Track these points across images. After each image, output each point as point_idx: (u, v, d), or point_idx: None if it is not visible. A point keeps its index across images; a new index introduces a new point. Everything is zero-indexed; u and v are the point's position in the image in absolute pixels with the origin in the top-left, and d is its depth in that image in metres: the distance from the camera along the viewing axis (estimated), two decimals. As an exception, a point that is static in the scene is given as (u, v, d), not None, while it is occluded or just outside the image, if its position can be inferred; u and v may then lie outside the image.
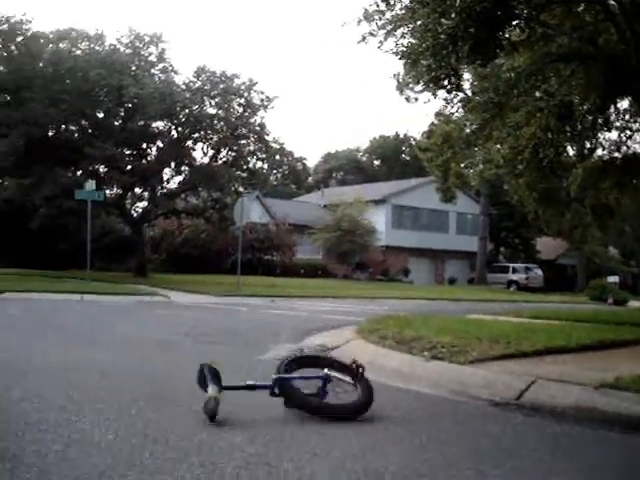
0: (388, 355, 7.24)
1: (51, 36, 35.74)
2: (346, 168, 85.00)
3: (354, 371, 4.74)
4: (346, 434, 4.05)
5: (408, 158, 79.57)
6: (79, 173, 33.91)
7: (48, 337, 9.03)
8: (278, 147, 35.77)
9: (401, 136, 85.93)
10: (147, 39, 33.05)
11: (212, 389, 4.26)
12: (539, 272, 49.16)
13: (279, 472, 3.22)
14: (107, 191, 32.50)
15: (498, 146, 15.40)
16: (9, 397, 4.66)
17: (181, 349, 8.12)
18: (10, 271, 33.42)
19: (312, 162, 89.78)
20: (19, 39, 35.97)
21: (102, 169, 33.98)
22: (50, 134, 32.07)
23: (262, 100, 33.39)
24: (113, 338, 9.08)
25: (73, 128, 33.64)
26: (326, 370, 4.72)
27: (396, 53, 11.13)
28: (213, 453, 3.47)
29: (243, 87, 33.21)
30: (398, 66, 20.17)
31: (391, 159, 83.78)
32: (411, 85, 14.51)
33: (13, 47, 35.35)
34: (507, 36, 10.57)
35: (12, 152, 29.74)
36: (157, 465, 3.21)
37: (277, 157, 36.50)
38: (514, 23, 10.53)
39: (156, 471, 3.11)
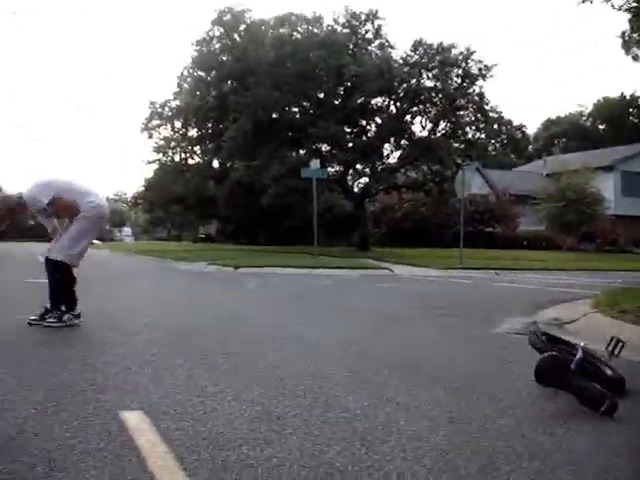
0: (632, 330, 6.89)
1: (271, 22, 37.32)
2: (569, 134, 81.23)
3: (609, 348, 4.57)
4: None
5: (636, 120, 74.64)
6: (302, 152, 35.24)
7: (287, 309, 9.53)
8: (496, 116, 34.91)
9: (627, 97, 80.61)
10: (363, 17, 33.50)
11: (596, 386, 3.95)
12: None
13: (534, 444, 3.19)
14: (329, 168, 33.49)
15: None
16: (264, 364, 5.00)
17: (414, 321, 8.22)
18: (242, 247, 35.57)
19: (532, 130, 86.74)
20: (241, 28, 37.94)
21: (324, 147, 35.04)
22: (275, 116, 33.52)
23: (480, 69, 32.69)
24: (347, 310, 9.40)
25: (295, 110, 34.93)
26: (582, 344, 4.57)
27: (629, 10, 10.50)
28: (464, 423, 3.51)
29: (460, 57, 32.69)
30: (623, 25, 18.94)
31: (617, 123, 78.82)
32: None
33: (236, 36, 37.34)
34: None
35: (241, 136, 31.50)
36: (413, 432, 3.30)
37: (495, 126, 35.56)
38: None
39: (413, 437, 3.21)
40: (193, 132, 42.65)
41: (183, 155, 48.12)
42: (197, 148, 45.50)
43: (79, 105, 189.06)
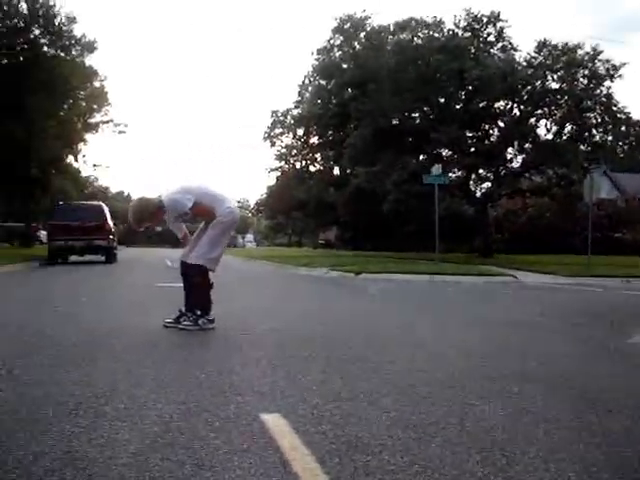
0: None
1: (392, 28, 37.37)
2: None
3: None
4: None
5: None
6: (423, 158, 35.05)
7: (411, 315, 9.49)
8: (625, 117, 33.54)
9: None
10: (485, 20, 33.01)
11: None
12: None
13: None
14: (451, 174, 33.14)
15: None
16: (395, 370, 5.01)
17: (544, 330, 8.01)
18: (363, 253, 35.69)
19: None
20: (362, 35, 38.23)
21: (446, 152, 34.74)
22: (395, 122, 33.51)
23: (607, 69, 31.55)
24: (473, 317, 9.26)
25: (416, 115, 34.80)
26: None
27: None
28: (605, 436, 3.40)
29: (587, 58, 31.67)
30: None
31: None
32: None
33: (356, 43, 37.62)
34: None
35: (362, 142, 31.66)
36: (554, 443, 3.23)
37: (623, 128, 34.19)
38: None
39: (555, 449, 3.14)
40: (314, 139, 43.25)
41: (304, 162, 48.84)
42: (318, 155, 46.09)
43: (204, 117, 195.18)
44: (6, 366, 4.95)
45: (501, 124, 34.03)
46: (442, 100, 33.20)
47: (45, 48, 31.44)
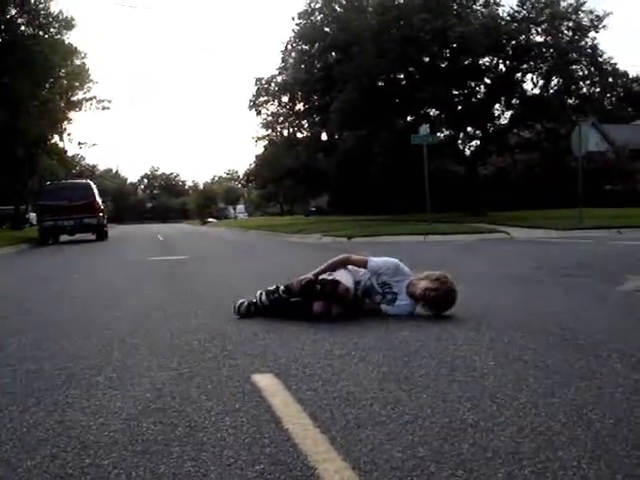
0: None
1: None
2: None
3: None
4: None
5: None
6: (411, 118, 34.91)
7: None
8: (611, 69, 33.42)
9: None
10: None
11: None
12: None
13: (671, 398, 3.10)
14: (439, 133, 33.03)
15: None
16: (387, 328, 5.02)
17: (536, 282, 8.03)
18: (354, 218, 35.71)
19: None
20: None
21: (433, 112, 34.61)
22: (381, 84, 33.32)
23: (592, 20, 31.39)
24: (466, 273, 9.24)
25: (401, 76, 34.59)
26: None
27: None
28: (596, 378, 3.43)
29: (570, 9, 31.52)
30: None
31: None
32: None
33: (337, 6, 37.13)
34: None
35: (348, 106, 31.48)
36: (544, 389, 3.26)
37: (610, 80, 34.10)
38: None
39: (544, 394, 3.17)
40: (300, 106, 42.87)
41: (291, 130, 48.47)
42: (305, 122, 45.71)
43: (189, 86, 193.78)
44: (-2, 344, 4.96)
45: (487, 81, 33.89)
46: (427, 59, 32.98)
47: (22, 27, 31.03)
